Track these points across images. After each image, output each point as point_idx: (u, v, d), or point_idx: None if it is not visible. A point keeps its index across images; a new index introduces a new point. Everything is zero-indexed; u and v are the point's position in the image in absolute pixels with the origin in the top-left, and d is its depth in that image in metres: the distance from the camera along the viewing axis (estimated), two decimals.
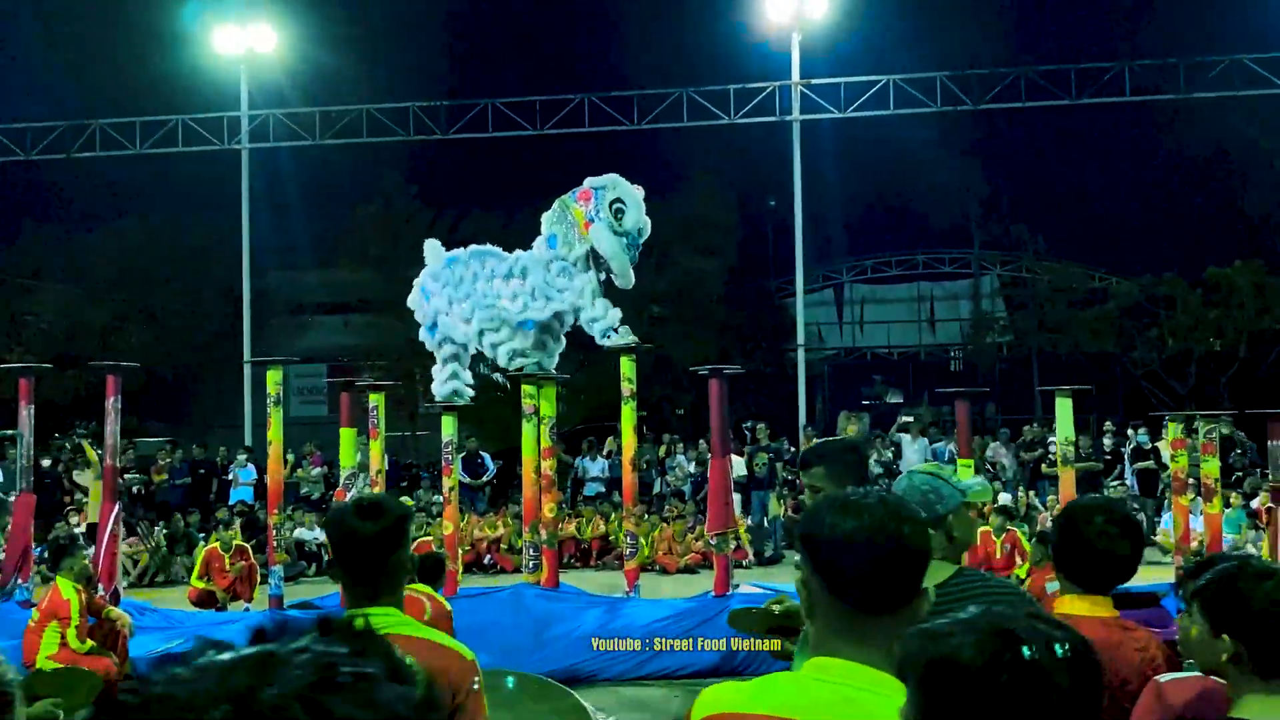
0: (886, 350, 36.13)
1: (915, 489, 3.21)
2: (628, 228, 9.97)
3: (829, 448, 4.22)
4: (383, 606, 2.80)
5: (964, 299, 34.28)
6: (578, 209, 10.05)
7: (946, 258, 35.08)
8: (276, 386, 10.25)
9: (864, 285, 36.29)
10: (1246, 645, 2.42)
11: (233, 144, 22.13)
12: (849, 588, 1.91)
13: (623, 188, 10.01)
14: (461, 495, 19.04)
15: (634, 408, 10.00)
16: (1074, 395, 9.80)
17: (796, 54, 20.61)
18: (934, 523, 3.28)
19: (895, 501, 2.03)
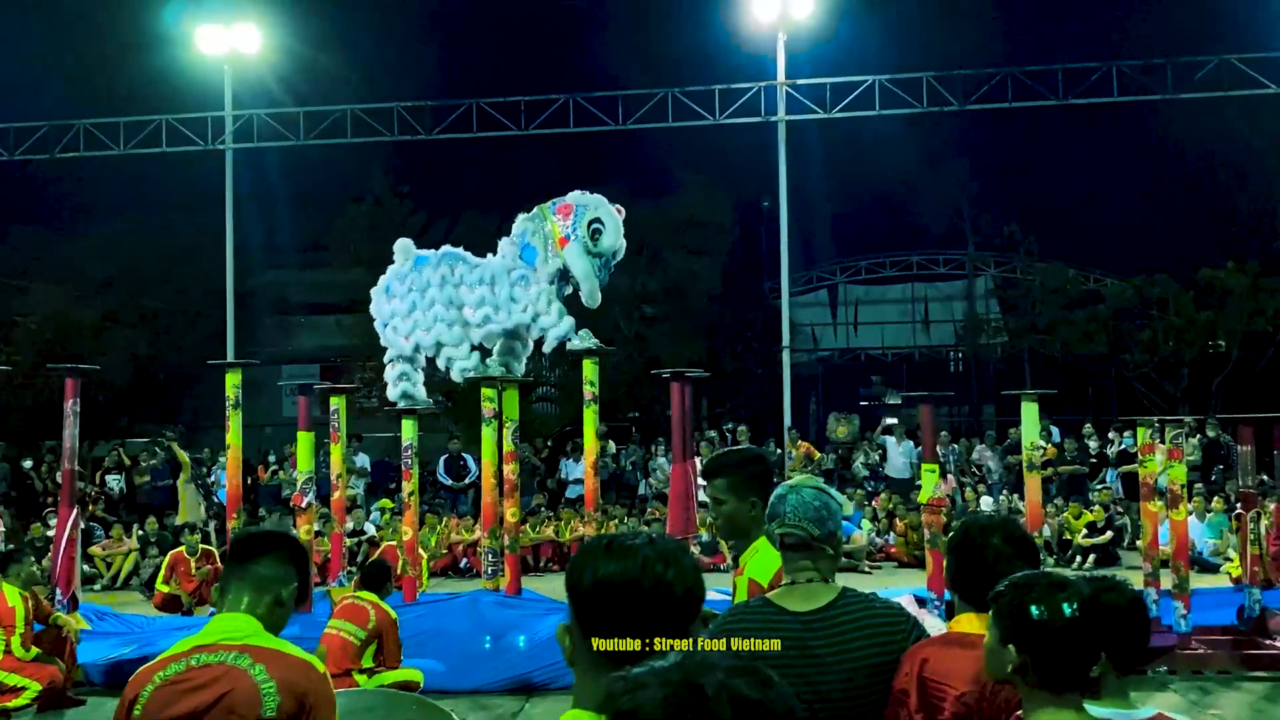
0: (881, 351, 36.01)
1: (807, 504, 3.10)
2: (602, 249, 9.83)
3: (731, 458, 4.10)
4: (243, 615, 2.88)
5: (958, 300, 34.16)
6: (555, 223, 9.90)
7: (941, 259, 34.95)
8: (235, 390, 10.15)
9: (858, 286, 36.17)
10: (1031, 657, 2.38)
11: (217, 144, 22.03)
12: (607, 635, 1.81)
13: (604, 209, 9.87)
14: (444, 497, 19.15)
15: (596, 411, 9.89)
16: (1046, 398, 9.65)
17: (782, 54, 20.47)
18: (826, 539, 3.17)
19: (666, 545, 1.93)
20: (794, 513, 3.06)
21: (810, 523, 3.08)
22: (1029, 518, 9.63)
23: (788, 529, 3.07)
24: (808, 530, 3.08)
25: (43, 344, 28.29)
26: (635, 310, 28.18)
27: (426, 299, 10.07)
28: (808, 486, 3.14)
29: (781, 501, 3.09)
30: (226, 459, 10.38)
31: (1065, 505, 16.22)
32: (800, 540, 3.07)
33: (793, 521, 3.06)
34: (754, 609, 3.08)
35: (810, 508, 3.09)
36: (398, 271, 10.37)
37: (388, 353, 10.46)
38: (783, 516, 3.07)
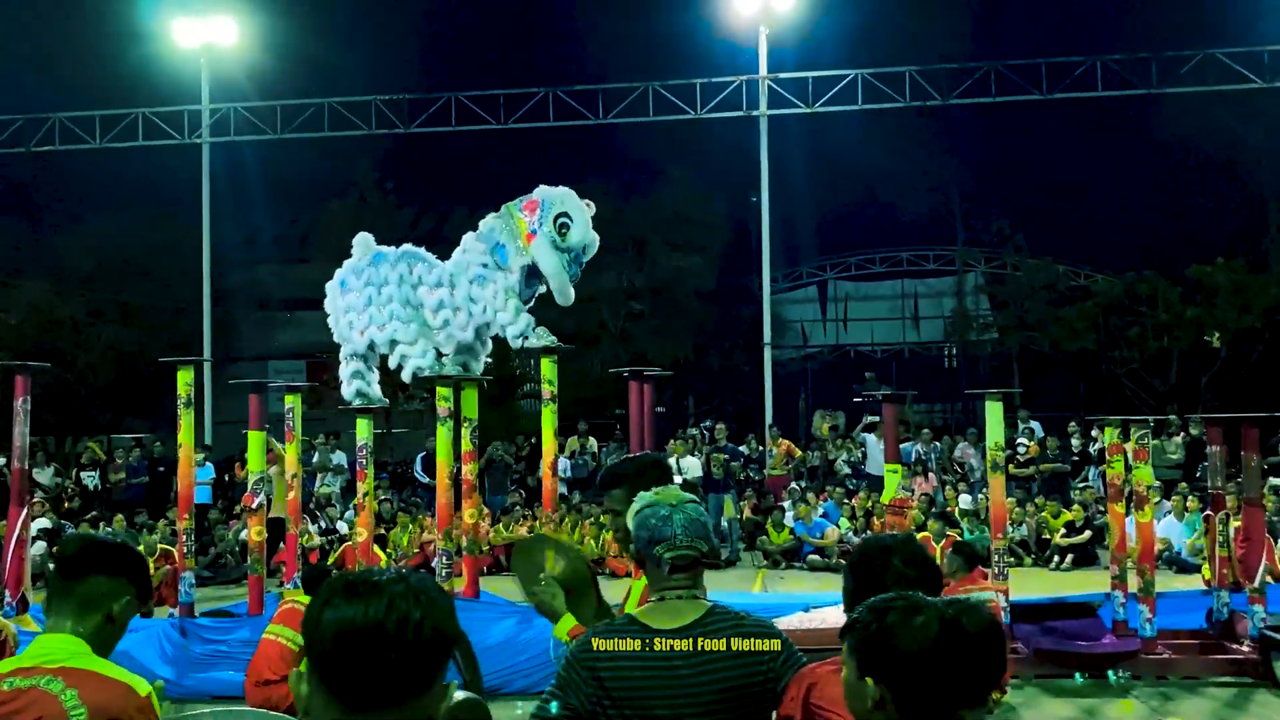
0: (871, 348, 35.79)
1: (695, 521, 2.93)
2: (571, 244, 9.57)
3: (630, 467, 3.91)
4: (67, 635, 2.74)
5: (948, 296, 33.97)
6: (521, 219, 9.68)
7: (931, 254, 34.76)
8: (187, 388, 9.95)
9: (848, 282, 35.99)
10: (892, 690, 2.11)
11: (193, 138, 21.84)
12: (343, 682, 1.63)
13: (571, 202, 9.61)
14: (421, 495, 18.95)
15: (554, 410, 9.70)
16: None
17: (764, 48, 20.29)
18: (713, 552, 3.00)
19: (417, 583, 1.74)
20: (685, 532, 2.88)
21: (701, 540, 2.92)
22: (993, 518, 9.44)
23: (681, 551, 2.88)
24: (699, 548, 2.91)
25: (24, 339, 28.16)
26: (622, 307, 28.01)
27: (384, 295, 9.87)
28: (687, 502, 2.96)
29: (667, 523, 2.90)
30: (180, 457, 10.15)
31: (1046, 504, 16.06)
32: (691, 560, 2.90)
33: (685, 542, 2.88)
34: (617, 627, 2.91)
35: (699, 525, 2.92)
36: (354, 266, 10.18)
37: (343, 349, 10.27)
38: (673, 539, 2.88)
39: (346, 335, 10.18)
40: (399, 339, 9.90)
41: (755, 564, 15.80)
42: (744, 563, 16.05)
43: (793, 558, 15.73)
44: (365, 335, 10.01)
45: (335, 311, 10.26)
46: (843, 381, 36.22)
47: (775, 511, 16.33)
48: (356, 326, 10.03)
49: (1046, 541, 15.59)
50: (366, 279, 10.02)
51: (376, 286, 9.96)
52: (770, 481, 19.19)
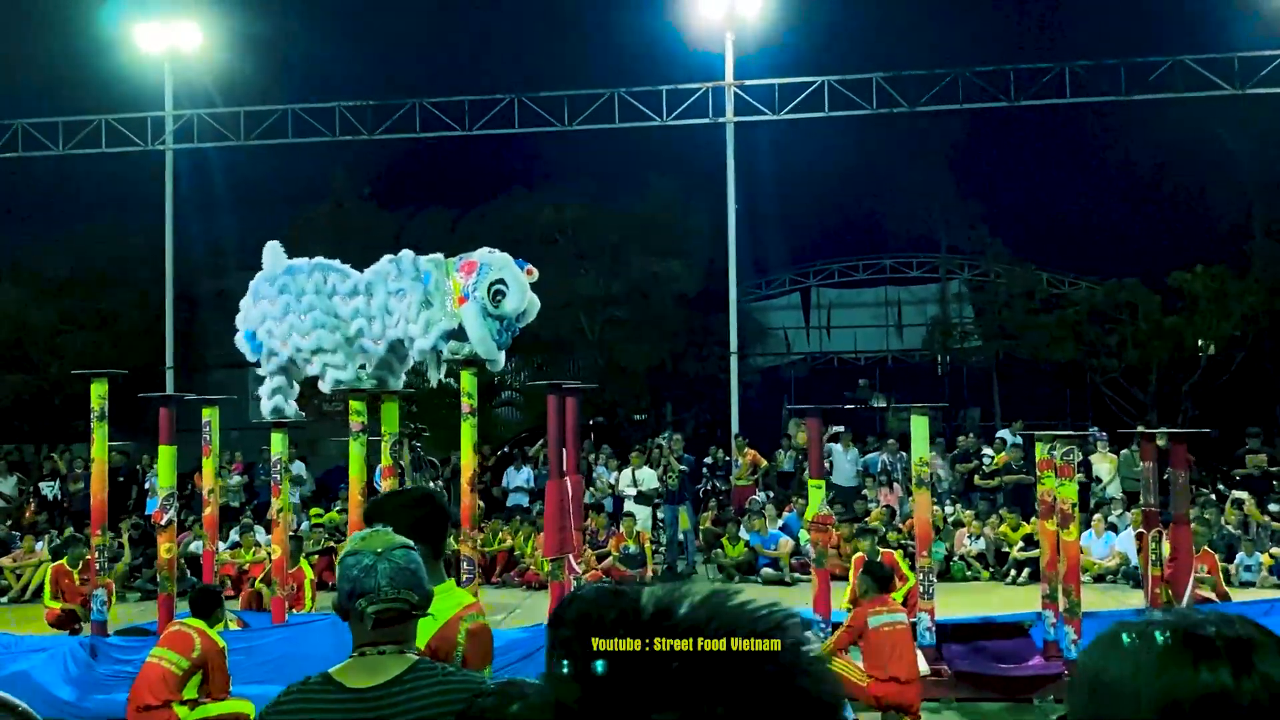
0: (854, 355, 35.53)
1: (403, 570, 2.68)
2: (504, 312, 9.28)
3: (393, 501, 3.69)
4: None
5: (931, 303, 33.72)
6: (456, 279, 9.40)
7: (914, 262, 34.51)
8: (100, 400, 9.77)
9: (831, 289, 35.73)
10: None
11: (157, 145, 21.67)
12: None
13: (509, 270, 9.30)
14: None
15: (474, 425, 9.45)
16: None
17: (730, 54, 20.08)
18: (424, 602, 2.76)
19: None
20: (391, 583, 2.64)
21: (410, 590, 2.67)
22: (918, 535, 9.21)
23: (387, 604, 2.64)
24: (408, 600, 2.66)
25: None
26: (599, 313, 27.79)
27: (303, 304, 9.64)
28: (394, 548, 2.71)
29: (370, 573, 2.65)
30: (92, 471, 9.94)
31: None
32: (399, 614, 2.65)
33: (390, 594, 2.63)
34: (310, 687, 2.68)
35: (407, 573, 2.67)
36: (266, 274, 9.96)
37: (266, 365, 10.03)
38: (377, 591, 2.63)
39: (268, 346, 9.96)
40: (324, 347, 9.67)
41: (710, 577, 15.56)
42: (699, 575, 15.81)
43: (748, 571, 15.50)
44: (288, 345, 9.78)
45: (249, 324, 10.03)
46: (827, 389, 36.10)
47: (730, 524, 16.09)
48: (277, 335, 9.80)
49: (1005, 555, 15.35)
50: (281, 287, 9.79)
51: (295, 295, 9.74)
52: (736, 492, 18.97)
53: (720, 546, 16.00)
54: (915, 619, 9.26)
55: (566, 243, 26.66)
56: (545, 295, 25.90)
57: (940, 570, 15.20)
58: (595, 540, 15.83)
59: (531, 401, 29.04)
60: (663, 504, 16.40)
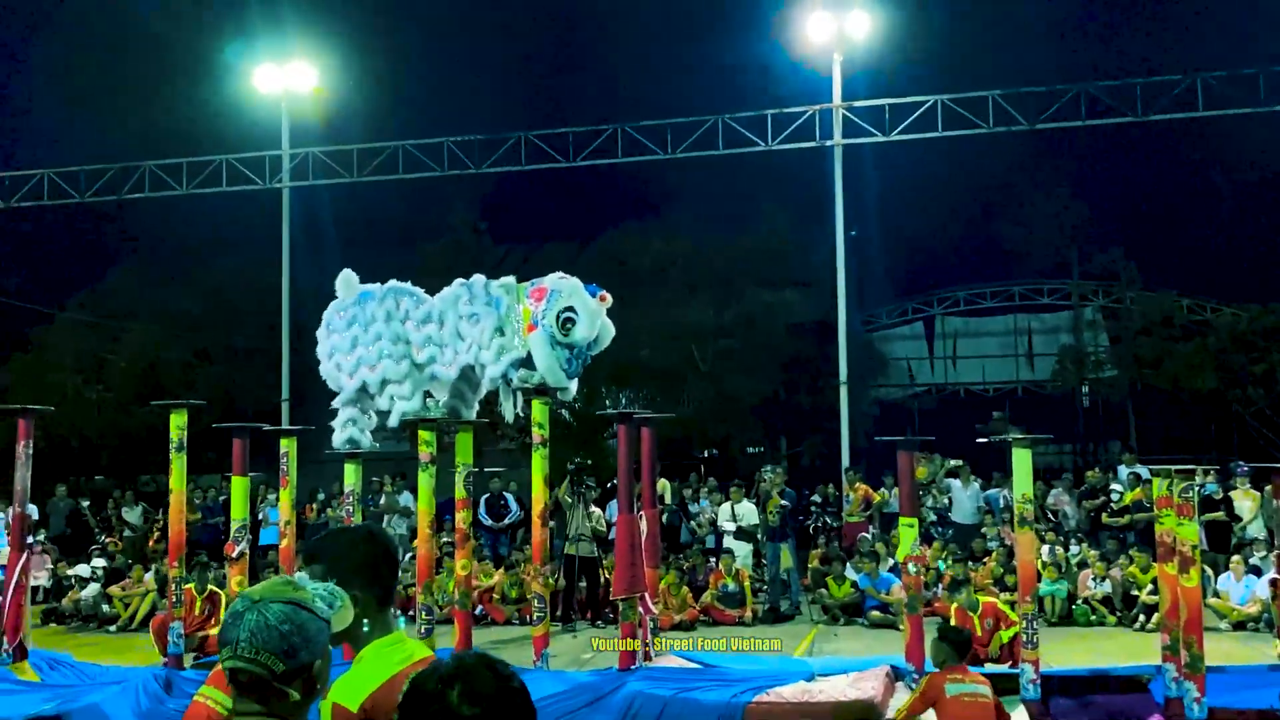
0: (982, 386, 34.25)
1: (270, 629, 2.27)
2: (573, 340, 8.99)
3: (332, 541, 3.30)
4: None
5: (1064, 332, 32.28)
6: (527, 306, 9.16)
7: (1045, 289, 33.14)
8: (179, 431, 9.75)
9: (957, 318, 34.59)
10: None
11: (274, 183, 22.21)
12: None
13: (579, 297, 9.02)
14: (483, 538, 18.58)
15: (545, 456, 9.11)
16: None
17: (838, 75, 19.51)
18: (293, 675, 2.33)
19: None
20: (250, 640, 2.23)
21: (273, 655, 2.24)
22: (1020, 579, 8.45)
23: (239, 663, 2.25)
24: (267, 665, 2.25)
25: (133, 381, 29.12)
26: (709, 344, 27.36)
27: (370, 334, 9.49)
28: (276, 601, 2.31)
29: (236, 622, 2.26)
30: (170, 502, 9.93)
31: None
32: (256, 678, 2.25)
33: (247, 653, 2.24)
34: None
35: (274, 634, 2.24)
36: (338, 305, 9.84)
37: (338, 396, 9.90)
38: (234, 644, 2.25)
39: (334, 377, 9.82)
40: (390, 378, 9.48)
41: (814, 619, 14.84)
42: (803, 617, 15.11)
43: (854, 612, 14.72)
44: (356, 378, 9.63)
45: (322, 355, 9.91)
46: (952, 421, 34.83)
47: (835, 563, 15.34)
48: (345, 369, 9.66)
49: (1135, 598, 14.24)
50: (351, 318, 9.65)
51: (363, 325, 9.59)
52: (847, 528, 18.21)
53: (826, 586, 15.26)
54: (1019, 670, 8.52)
55: (677, 274, 26.36)
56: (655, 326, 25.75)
57: (1062, 614, 14.24)
58: (693, 578, 15.32)
59: None
60: (764, 540, 15.77)
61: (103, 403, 28.92)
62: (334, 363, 9.68)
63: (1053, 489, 19.13)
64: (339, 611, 2.48)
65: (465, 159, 20.97)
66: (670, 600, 14.47)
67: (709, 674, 8.67)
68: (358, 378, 9.58)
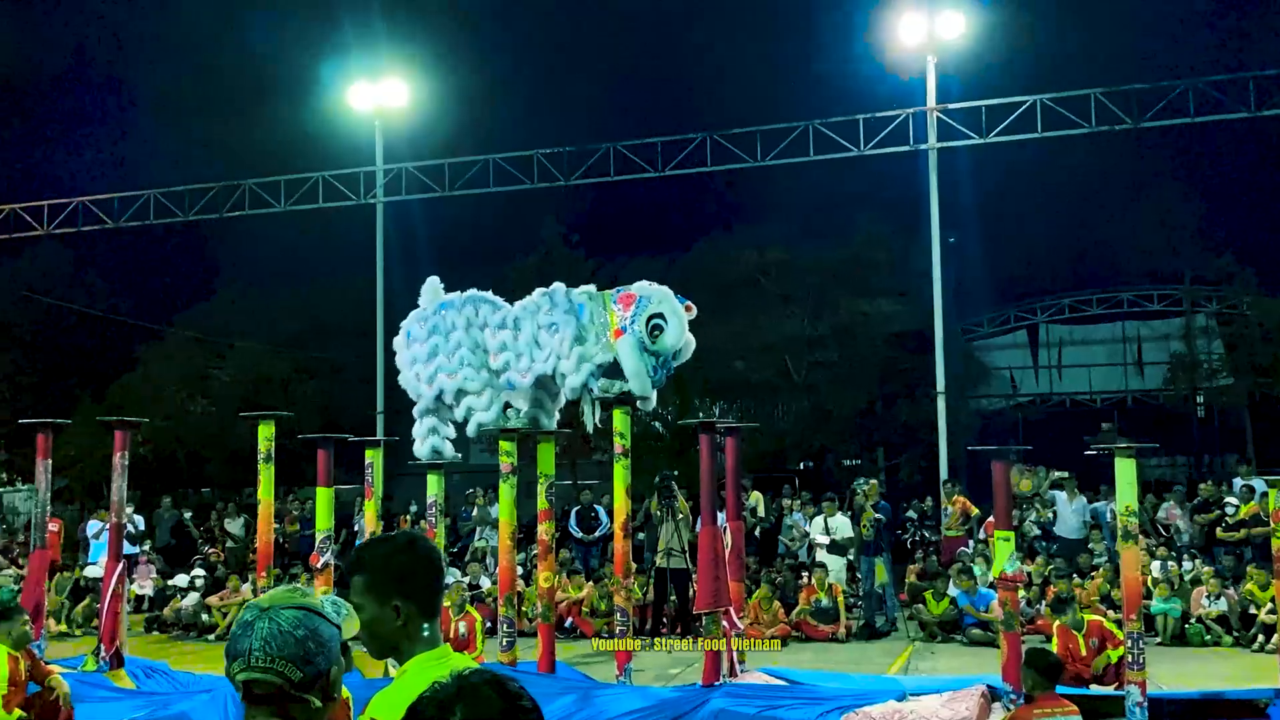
0: (1089, 396, 33.13)
1: (284, 635, 2.16)
2: (661, 348, 8.82)
3: (369, 552, 3.15)
4: None
5: (1176, 339, 31.03)
6: (614, 313, 9.04)
7: (1154, 294, 31.93)
8: (268, 443, 9.84)
9: (1061, 325, 33.55)
10: None
11: (368, 198, 22.56)
12: None
13: (668, 304, 8.87)
14: (574, 550, 18.52)
15: (627, 466, 8.94)
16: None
17: (932, 77, 19.05)
18: (310, 683, 2.22)
19: None
20: (264, 649, 2.12)
21: (290, 663, 2.13)
22: (1125, 595, 8.00)
23: (254, 674, 2.13)
24: (284, 674, 2.13)
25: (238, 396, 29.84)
26: (804, 355, 26.97)
27: (451, 342, 9.45)
28: (287, 608, 2.19)
29: (247, 632, 2.15)
30: (259, 513, 10.02)
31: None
32: (272, 689, 2.13)
33: (262, 662, 2.12)
34: None
35: (289, 641, 2.14)
36: (419, 314, 9.83)
37: (417, 406, 9.89)
38: (246, 655, 2.13)
39: (413, 386, 9.81)
40: (469, 389, 9.42)
41: (911, 635, 14.39)
42: (899, 633, 14.67)
43: (953, 629, 14.24)
44: (434, 386, 9.60)
45: (402, 365, 9.92)
46: (1058, 432, 33.75)
47: (940, 580, 14.84)
48: (424, 378, 9.64)
49: (1254, 618, 13.50)
50: (432, 327, 9.63)
51: (444, 334, 9.55)
52: (946, 542, 17.71)
53: (923, 602, 14.80)
54: (1124, 692, 8.07)
55: (769, 284, 26.05)
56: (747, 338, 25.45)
57: (1175, 633, 13.57)
58: (784, 593, 15.01)
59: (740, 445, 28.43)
60: (858, 555, 15.38)
61: (208, 417, 29.67)
62: (414, 372, 9.67)
63: (1164, 502, 18.37)
64: (346, 620, 2.35)
65: (555, 171, 21.01)
66: (761, 615, 14.18)
67: (795, 691, 8.39)
68: (436, 386, 9.54)
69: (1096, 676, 9.57)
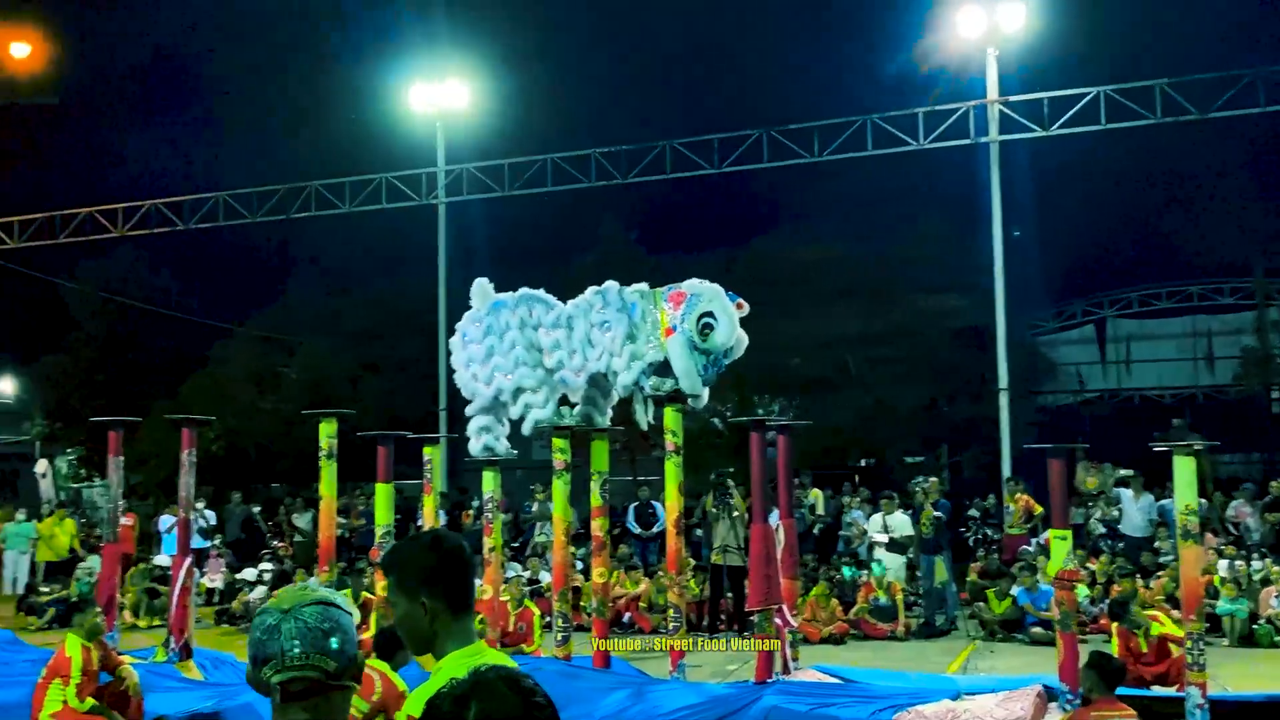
0: (1158, 392, 32.49)
1: (312, 630, 2.26)
2: (712, 346, 8.85)
3: (398, 552, 3.23)
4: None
5: (1247, 333, 30.33)
6: (664, 311, 9.10)
7: (1225, 287, 31.25)
8: (330, 440, 10.05)
9: (1129, 320, 32.95)
10: None
11: (430, 199, 22.86)
12: None
13: (718, 302, 8.89)
14: (632, 546, 18.62)
15: (679, 464, 9.00)
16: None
17: (993, 70, 18.83)
18: (345, 670, 2.32)
19: None
20: (300, 646, 2.22)
21: (324, 655, 2.23)
22: (1185, 595, 7.89)
23: (292, 673, 2.22)
24: (321, 667, 2.23)
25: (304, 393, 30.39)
26: (863, 352, 26.79)
27: (506, 341, 9.58)
28: (306, 604, 2.28)
29: (274, 635, 2.23)
30: (320, 509, 10.24)
31: None
32: (309, 684, 2.22)
33: (298, 661, 2.21)
34: None
35: (318, 634, 2.23)
36: (473, 315, 9.96)
37: (471, 404, 10.03)
38: (280, 657, 2.22)
39: (470, 386, 9.95)
40: (524, 386, 9.55)
41: (971, 634, 14.28)
42: (959, 632, 14.56)
43: (1014, 628, 14.10)
44: (492, 386, 9.74)
45: (458, 365, 10.07)
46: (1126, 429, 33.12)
47: (1003, 580, 14.69)
48: (481, 378, 9.78)
49: None
50: (486, 328, 9.76)
51: (498, 334, 9.69)
52: (1008, 541, 17.51)
53: (985, 601, 14.67)
54: (1184, 693, 7.97)
55: (828, 280, 25.91)
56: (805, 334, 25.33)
57: (1243, 634, 13.31)
58: (843, 591, 14.97)
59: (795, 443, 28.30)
60: (917, 553, 15.28)
61: (277, 414, 30.23)
62: (470, 372, 9.81)
63: (1234, 500, 18.02)
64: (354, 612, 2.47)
65: (612, 170, 21.11)
66: (819, 613, 14.17)
67: (848, 689, 8.40)
68: (494, 386, 9.68)
69: (1160, 678, 9.43)
